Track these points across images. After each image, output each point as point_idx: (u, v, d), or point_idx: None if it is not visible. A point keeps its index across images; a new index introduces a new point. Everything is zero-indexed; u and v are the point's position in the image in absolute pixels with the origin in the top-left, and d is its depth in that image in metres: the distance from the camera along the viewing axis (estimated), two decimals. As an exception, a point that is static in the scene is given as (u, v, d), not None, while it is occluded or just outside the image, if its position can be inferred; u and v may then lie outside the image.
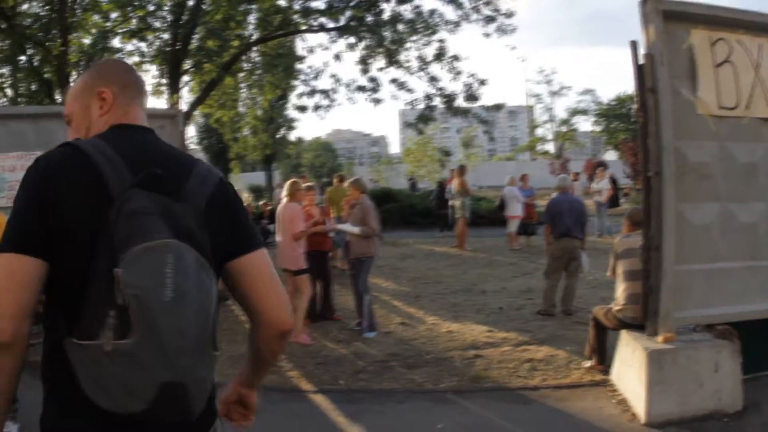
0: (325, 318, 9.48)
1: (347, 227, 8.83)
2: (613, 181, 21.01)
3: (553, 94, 66.47)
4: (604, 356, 6.75)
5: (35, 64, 19.34)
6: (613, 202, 21.10)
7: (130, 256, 1.61)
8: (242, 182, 45.95)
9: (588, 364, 6.89)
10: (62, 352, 1.69)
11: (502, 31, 20.42)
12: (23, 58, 19.08)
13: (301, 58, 21.95)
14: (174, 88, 19.68)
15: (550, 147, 69.41)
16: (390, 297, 11.05)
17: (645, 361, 5.47)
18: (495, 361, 7.22)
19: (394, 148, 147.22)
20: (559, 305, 9.42)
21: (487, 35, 20.52)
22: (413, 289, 11.78)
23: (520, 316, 9.37)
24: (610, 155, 59.24)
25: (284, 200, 8.78)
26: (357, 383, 6.67)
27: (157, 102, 19.87)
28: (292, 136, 44.54)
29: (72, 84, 2.53)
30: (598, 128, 65.04)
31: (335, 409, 5.92)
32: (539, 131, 70.46)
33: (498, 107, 22.72)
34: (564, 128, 66.15)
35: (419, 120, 22.12)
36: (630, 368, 5.84)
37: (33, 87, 20.86)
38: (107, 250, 1.64)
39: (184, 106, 19.90)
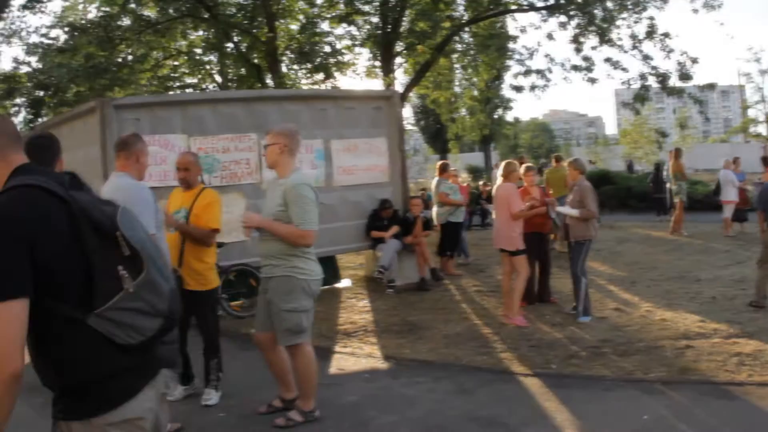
0: (541, 300, 9.31)
1: (566, 209, 8.58)
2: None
3: (764, 73, 60.67)
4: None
5: (242, 50, 20.36)
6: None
7: (120, 220, 2.18)
8: (460, 162, 46.10)
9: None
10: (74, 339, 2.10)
11: (709, 6, 19.60)
12: (230, 45, 20.17)
13: (513, 38, 21.78)
14: (387, 70, 20.01)
15: (762, 129, 63.28)
16: (606, 281, 10.72)
17: None
18: (705, 353, 6.78)
19: (610, 128, 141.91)
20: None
21: (695, 11, 19.79)
22: (629, 274, 11.33)
23: (732, 306, 8.73)
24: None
25: (500, 180, 8.67)
26: (568, 368, 6.51)
27: (371, 84, 20.39)
28: (509, 116, 44.11)
29: None
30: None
31: (545, 393, 5.81)
32: (751, 112, 64.49)
33: (711, 86, 21.67)
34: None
35: (636, 99, 21.33)
36: None
37: (242, 72, 22.02)
38: (90, 232, 2.10)
39: (398, 88, 20.22)
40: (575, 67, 20.56)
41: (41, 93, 19.60)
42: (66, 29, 19.74)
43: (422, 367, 6.71)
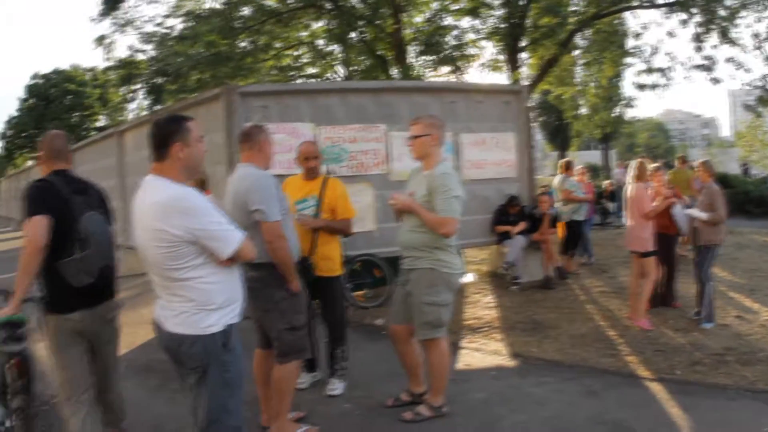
0: (664, 304, 9.04)
1: (695, 212, 8.36)
2: None
3: None
4: None
5: (367, 41, 20.46)
6: None
7: (83, 218, 4.04)
8: (578, 160, 45.42)
9: None
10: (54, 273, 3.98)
11: None
12: (353, 35, 20.26)
13: (635, 35, 21.08)
14: (513, 65, 19.80)
15: None
16: (726, 288, 10.35)
17: None
18: (826, 366, 6.48)
19: (725, 130, 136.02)
20: None
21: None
22: (748, 281, 10.92)
23: None
24: None
25: (631, 181, 8.49)
26: (692, 375, 6.36)
27: (494, 78, 20.31)
28: (629, 115, 43.02)
29: None
30: None
31: (670, 399, 5.70)
32: None
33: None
34: None
35: (759, 102, 20.33)
36: None
37: (367, 63, 22.13)
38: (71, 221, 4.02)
39: (523, 83, 19.97)
40: (697, 67, 19.74)
41: (161, 80, 20.16)
42: (184, 18, 20.29)
43: (549, 367, 6.65)
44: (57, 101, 53.62)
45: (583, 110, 27.49)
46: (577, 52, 22.94)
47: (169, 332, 3.39)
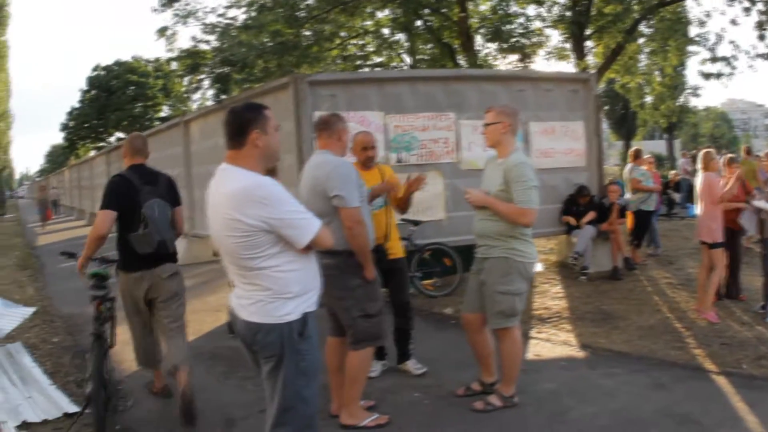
0: (729, 297, 8.91)
1: (762, 204, 8.23)
2: None
3: None
4: None
5: (433, 29, 20.40)
6: None
7: (146, 205, 5.21)
8: (644, 150, 44.70)
9: None
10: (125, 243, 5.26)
11: None
12: (419, 23, 20.20)
13: (699, 23, 20.77)
14: (579, 54, 19.62)
15: None
16: None
17: None
18: None
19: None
20: None
21: None
22: None
23: None
24: None
25: (700, 172, 8.40)
26: (758, 369, 6.22)
27: (560, 67, 20.19)
28: (692, 104, 42.18)
29: None
30: None
31: (735, 394, 5.59)
32: None
33: None
34: None
35: None
36: None
37: (434, 51, 22.07)
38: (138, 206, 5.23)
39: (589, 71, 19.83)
40: (760, 55, 19.49)
41: (227, 69, 20.38)
42: (246, 8, 20.49)
43: (618, 359, 6.58)
44: (119, 92, 54.66)
45: (649, 99, 27.11)
46: (642, 41, 22.60)
47: (244, 320, 3.36)
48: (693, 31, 21.01)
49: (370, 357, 5.15)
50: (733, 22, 19.88)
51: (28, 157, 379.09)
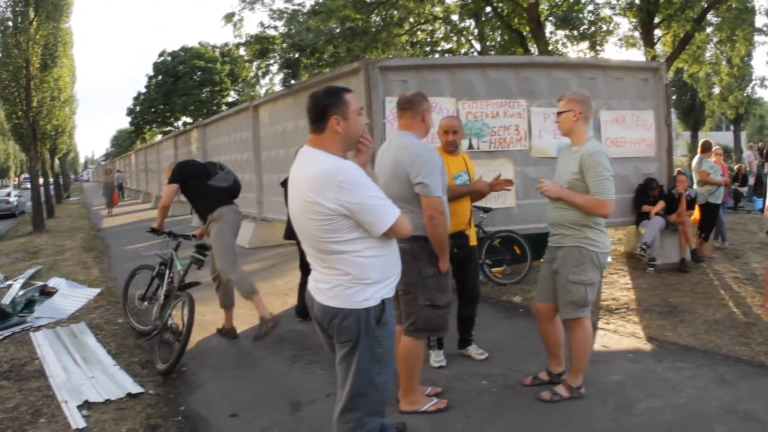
0: None
1: None
2: None
3: None
4: None
5: (502, 15, 20.28)
6: None
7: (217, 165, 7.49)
8: (711, 140, 43.76)
9: None
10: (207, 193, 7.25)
11: None
12: (488, 9, 20.10)
13: (767, 13, 20.21)
14: (648, 42, 19.36)
15: None
16: None
17: None
18: None
19: None
20: None
21: None
22: None
23: None
24: None
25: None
26: None
27: (628, 55, 19.94)
28: (758, 96, 41.10)
29: None
30: None
31: None
32: None
33: None
34: None
35: None
36: None
37: (504, 38, 21.94)
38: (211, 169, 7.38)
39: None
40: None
41: (296, 54, 20.57)
42: None
43: (684, 352, 6.51)
44: (185, 77, 55.39)
45: (716, 89, 26.59)
46: (710, 30, 22.19)
47: (322, 304, 3.34)
48: (760, 21, 20.59)
49: (424, 345, 5.12)
50: None
51: (93, 141, 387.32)
